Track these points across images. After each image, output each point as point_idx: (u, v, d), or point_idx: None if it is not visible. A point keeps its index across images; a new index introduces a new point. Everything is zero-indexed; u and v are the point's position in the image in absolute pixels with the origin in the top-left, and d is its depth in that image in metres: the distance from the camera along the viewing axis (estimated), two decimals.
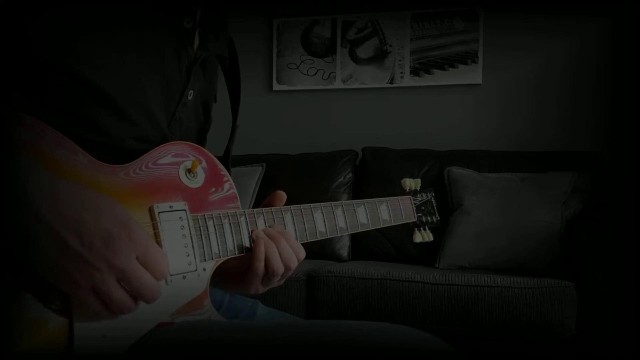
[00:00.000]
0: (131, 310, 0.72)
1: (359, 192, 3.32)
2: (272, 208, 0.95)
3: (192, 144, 0.91)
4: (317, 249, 3.01)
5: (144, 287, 0.71)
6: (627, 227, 2.91)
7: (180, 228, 0.83)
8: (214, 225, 0.87)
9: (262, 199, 1.01)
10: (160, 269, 0.73)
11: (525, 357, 2.42)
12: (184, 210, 0.84)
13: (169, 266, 0.75)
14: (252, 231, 0.91)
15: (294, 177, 3.31)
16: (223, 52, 1.01)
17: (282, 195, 0.98)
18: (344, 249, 3.21)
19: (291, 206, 0.97)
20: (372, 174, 3.29)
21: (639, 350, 2.30)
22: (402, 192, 1.23)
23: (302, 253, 0.93)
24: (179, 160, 0.87)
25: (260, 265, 0.89)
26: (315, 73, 3.75)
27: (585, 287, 2.40)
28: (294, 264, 0.91)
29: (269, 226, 0.93)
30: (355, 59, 3.68)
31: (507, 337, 2.42)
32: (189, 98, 0.94)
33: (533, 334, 2.38)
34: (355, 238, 3.22)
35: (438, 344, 0.74)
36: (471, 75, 3.50)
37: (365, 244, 3.20)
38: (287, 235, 0.93)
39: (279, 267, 0.89)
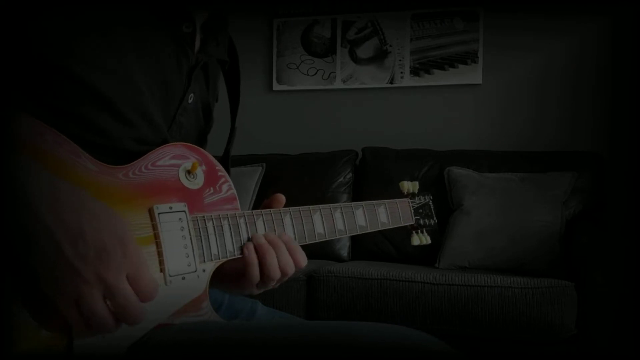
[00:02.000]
0: (109, 330, 0.70)
1: (359, 192, 3.32)
2: (271, 210, 0.95)
3: (191, 145, 0.91)
4: (317, 249, 3.01)
5: (128, 306, 0.69)
6: (627, 227, 2.91)
7: (180, 229, 0.83)
8: (214, 227, 0.87)
9: (262, 199, 1.01)
10: (149, 290, 0.71)
11: (525, 357, 2.42)
12: (184, 211, 0.84)
13: (157, 290, 0.73)
14: (252, 236, 0.91)
15: (294, 177, 3.31)
16: (223, 56, 1.01)
17: (281, 197, 0.98)
18: (344, 249, 3.21)
19: (290, 208, 0.97)
20: (372, 174, 3.29)
21: (639, 350, 2.30)
22: (401, 193, 1.23)
23: (303, 260, 0.93)
24: (179, 162, 0.87)
25: (254, 270, 0.89)
26: (315, 73, 3.75)
27: (585, 287, 2.40)
28: (291, 270, 0.91)
29: (269, 232, 0.92)
30: (355, 59, 3.68)
31: (507, 337, 2.42)
32: (189, 102, 0.94)
33: (533, 334, 2.38)
34: (356, 238, 3.22)
35: (438, 344, 0.74)
36: (471, 75, 3.50)
37: (366, 244, 3.20)
38: (287, 240, 0.92)
39: (275, 273, 0.90)
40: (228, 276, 0.94)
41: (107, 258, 0.68)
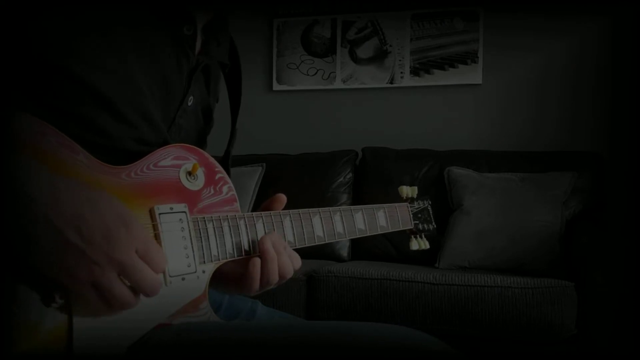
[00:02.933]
0: (132, 305, 0.72)
1: (359, 192, 3.32)
2: (272, 212, 0.95)
3: (192, 146, 0.91)
4: (317, 249, 3.00)
5: (145, 279, 0.72)
6: (627, 227, 2.91)
7: (181, 230, 0.83)
8: (214, 228, 0.87)
9: (262, 199, 1.01)
10: (160, 262, 0.74)
11: (525, 357, 2.42)
12: (184, 212, 0.85)
13: (167, 261, 0.76)
14: (259, 240, 0.91)
15: (294, 177, 3.31)
16: (224, 58, 1.01)
17: (282, 197, 0.98)
18: (344, 249, 3.21)
19: (290, 211, 0.98)
20: (372, 174, 3.29)
21: (639, 350, 2.30)
22: (400, 198, 1.24)
23: (299, 263, 0.94)
24: (180, 163, 0.88)
25: (255, 275, 0.90)
26: (315, 73, 3.75)
27: (585, 287, 2.40)
28: (289, 275, 0.92)
29: (275, 237, 0.93)
30: (355, 59, 3.68)
31: (507, 337, 2.42)
32: (189, 104, 0.94)
33: (533, 334, 2.38)
34: (356, 238, 3.22)
35: (438, 344, 0.75)
36: (471, 75, 3.50)
37: (366, 245, 3.20)
38: (288, 247, 0.93)
39: (274, 279, 0.90)
40: (226, 276, 0.94)
41: (113, 239, 0.70)
